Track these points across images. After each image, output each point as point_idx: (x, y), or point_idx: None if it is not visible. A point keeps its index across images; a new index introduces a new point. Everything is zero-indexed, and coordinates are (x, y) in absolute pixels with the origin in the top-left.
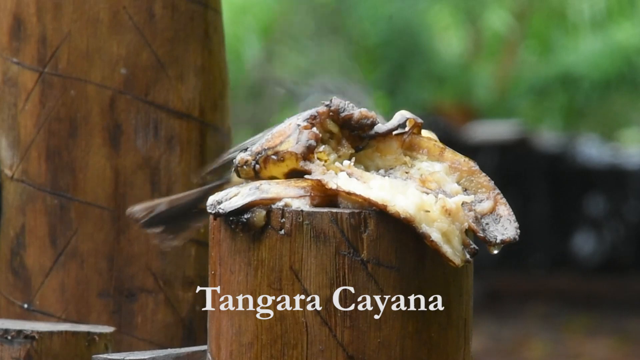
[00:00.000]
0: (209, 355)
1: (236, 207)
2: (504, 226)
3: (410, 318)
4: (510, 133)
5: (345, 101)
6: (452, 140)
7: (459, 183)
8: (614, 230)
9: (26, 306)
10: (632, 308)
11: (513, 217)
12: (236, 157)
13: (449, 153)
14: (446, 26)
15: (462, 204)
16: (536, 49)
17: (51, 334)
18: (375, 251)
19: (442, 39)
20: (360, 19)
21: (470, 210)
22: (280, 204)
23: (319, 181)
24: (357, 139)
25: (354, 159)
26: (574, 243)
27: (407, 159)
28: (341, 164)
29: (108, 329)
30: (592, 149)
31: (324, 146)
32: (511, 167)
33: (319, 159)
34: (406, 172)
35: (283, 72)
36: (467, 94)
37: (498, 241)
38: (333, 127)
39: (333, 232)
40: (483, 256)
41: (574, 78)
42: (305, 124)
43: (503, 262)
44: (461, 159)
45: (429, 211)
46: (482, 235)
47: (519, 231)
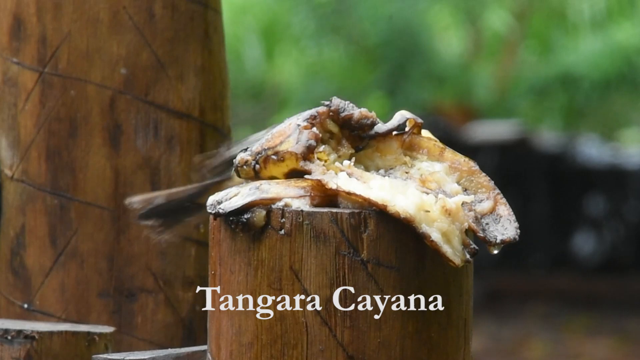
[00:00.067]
0: (209, 355)
1: (236, 207)
2: (504, 226)
3: (410, 318)
4: (510, 133)
5: (345, 101)
6: (452, 140)
7: (459, 183)
8: (614, 230)
9: (26, 306)
10: (632, 308)
11: (513, 217)
12: (236, 157)
13: (449, 153)
14: (446, 26)
15: (462, 204)
16: (536, 49)
17: (51, 334)
18: (375, 251)
19: (442, 39)
20: (360, 19)
21: (470, 210)
22: (280, 204)
23: (319, 181)
24: (357, 139)
25: (354, 159)
26: (574, 243)
27: (407, 159)
28: (341, 164)
29: (108, 329)
30: (592, 149)
31: (324, 146)
32: (511, 167)
33: (319, 159)
34: (406, 172)
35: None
36: (467, 94)
37: (498, 241)
38: (333, 127)
39: (333, 232)
40: (483, 256)
41: (574, 78)
42: (305, 124)
43: (503, 262)
44: (461, 159)
45: (429, 211)
46: (482, 235)
47: (519, 231)
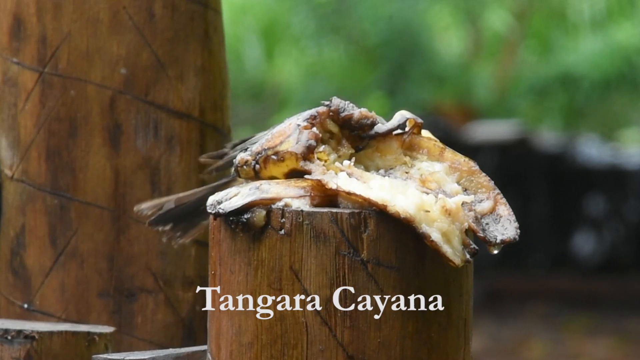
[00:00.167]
0: (209, 355)
1: (236, 207)
2: (504, 226)
3: (410, 318)
4: (510, 133)
5: (345, 101)
6: (452, 140)
7: (459, 183)
8: (614, 230)
9: (26, 306)
10: (632, 308)
11: (513, 217)
12: (236, 157)
13: (449, 153)
14: (446, 26)
15: (462, 204)
16: (536, 49)
17: (51, 334)
18: (375, 251)
19: (442, 39)
20: (360, 19)
21: (470, 210)
22: (280, 204)
23: (319, 181)
24: (357, 139)
25: (354, 159)
26: (574, 243)
27: (407, 159)
28: (341, 164)
29: (108, 329)
30: (592, 149)
31: (324, 146)
32: (511, 167)
33: (319, 159)
34: (406, 172)
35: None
36: (467, 94)
37: (498, 241)
38: (333, 127)
39: (333, 232)
40: (483, 256)
41: (574, 78)
42: (305, 124)
43: (503, 262)
44: (461, 159)
45: (429, 211)
46: (482, 235)
47: (519, 231)
